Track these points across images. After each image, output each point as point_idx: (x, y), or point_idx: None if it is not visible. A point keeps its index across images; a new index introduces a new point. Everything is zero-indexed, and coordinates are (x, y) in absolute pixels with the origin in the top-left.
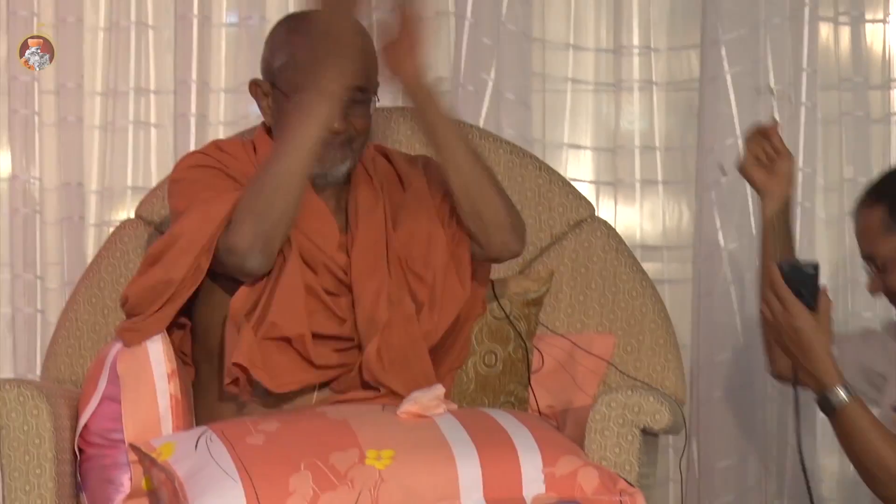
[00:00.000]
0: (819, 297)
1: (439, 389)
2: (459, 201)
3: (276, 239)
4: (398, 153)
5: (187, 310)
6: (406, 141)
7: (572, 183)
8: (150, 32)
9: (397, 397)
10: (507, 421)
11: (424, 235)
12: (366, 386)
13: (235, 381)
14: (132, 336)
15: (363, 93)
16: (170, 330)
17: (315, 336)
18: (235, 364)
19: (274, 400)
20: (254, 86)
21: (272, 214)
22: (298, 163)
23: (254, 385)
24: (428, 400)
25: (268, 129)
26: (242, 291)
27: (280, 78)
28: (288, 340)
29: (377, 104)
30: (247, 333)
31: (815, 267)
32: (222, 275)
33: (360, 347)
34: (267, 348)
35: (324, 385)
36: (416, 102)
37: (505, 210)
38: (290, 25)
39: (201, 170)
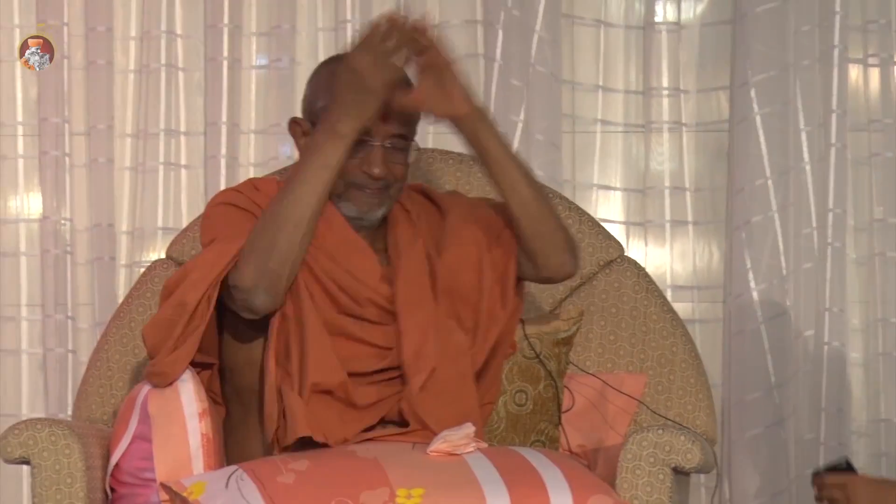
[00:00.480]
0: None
1: (469, 428)
2: (520, 221)
3: (281, 277)
4: (436, 190)
5: (211, 348)
6: (450, 182)
7: (602, 223)
8: (181, 75)
9: (428, 435)
10: (537, 459)
11: (473, 262)
12: (401, 420)
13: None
14: (158, 380)
15: (402, 140)
16: (197, 369)
17: (354, 375)
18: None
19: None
20: (293, 124)
21: (276, 253)
22: (303, 202)
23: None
24: (458, 438)
25: None
26: (273, 353)
27: (320, 116)
28: (330, 392)
29: (417, 150)
30: (295, 401)
31: (847, 460)
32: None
33: (402, 378)
34: (314, 408)
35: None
36: (467, 131)
37: (562, 230)
38: (335, 68)
39: (229, 208)
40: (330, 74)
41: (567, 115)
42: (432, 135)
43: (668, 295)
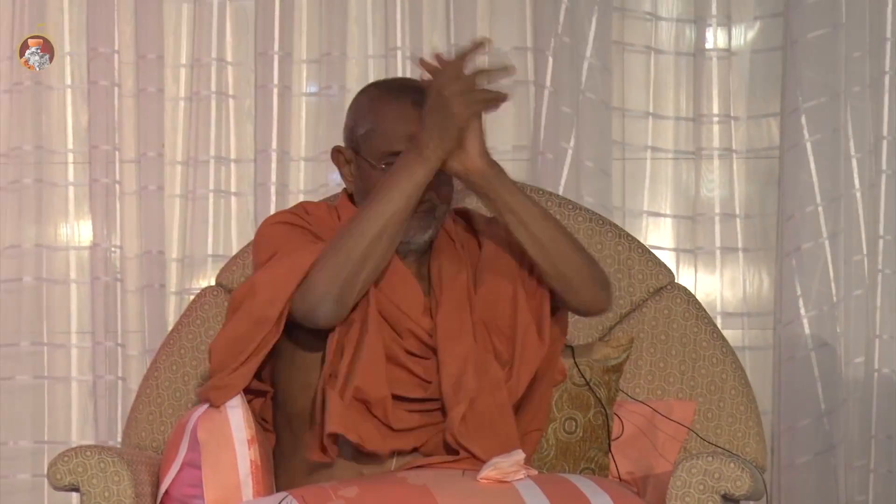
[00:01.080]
0: None
1: (519, 455)
2: (541, 266)
3: (352, 289)
4: (479, 214)
5: (261, 375)
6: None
7: (652, 250)
8: (231, 102)
9: (477, 462)
10: (587, 487)
11: (509, 295)
12: (448, 449)
13: (323, 449)
14: (218, 394)
15: None
16: (250, 397)
17: (398, 398)
18: (330, 434)
19: (354, 464)
20: (336, 153)
21: (351, 264)
22: (386, 217)
23: (340, 450)
24: (508, 465)
25: (349, 196)
26: (330, 360)
27: (364, 145)
28: (368, 405)
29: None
30: (334, 400)
31: None
32: (304, 337)
33: (443, 410)
34: (354, 413)
35: (404, 451)
36: (477, 186)
37: (587, 266)
38: (374, 94)
39: (286, 226)
40: (370, 100)
41: (617, 142)
42: None
43: (718, 322)
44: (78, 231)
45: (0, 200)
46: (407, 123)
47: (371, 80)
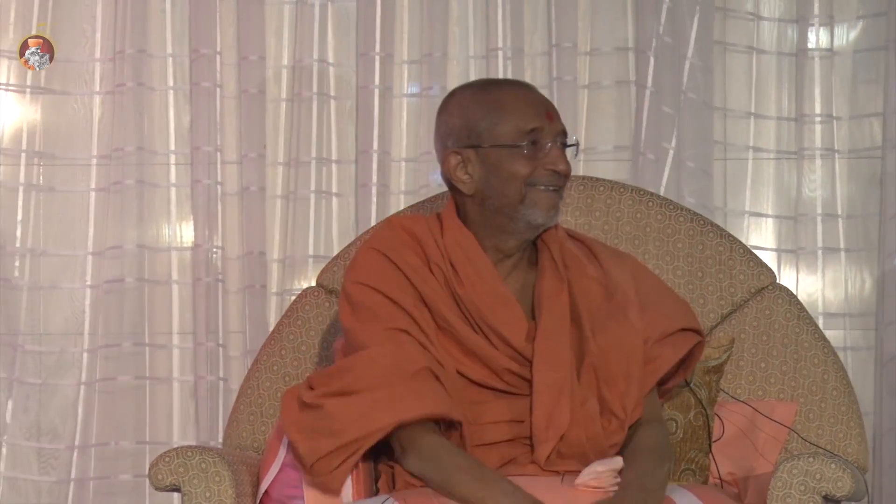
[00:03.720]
0: None
1: (618, 462)
2: None
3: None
4: (599, 243)
5: None
6: (600, 209)
7: (754, 251)
8: (332, 103)
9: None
10: (683, 498)
11: (626, 351)
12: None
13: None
14: (321, 484)
15: (566, 137)
16: None
17: (480, 445)
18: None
19: None
20: (453, 155)
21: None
22: None
23: None
24: (607, 474)
25: (457, 206)
26: None
27: (492, 134)
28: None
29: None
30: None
31: None
32: None
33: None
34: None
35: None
36: None
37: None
38: (476, 88)
39: (370, 293)
40: (476, 94)
41: (719, 142)
42: (583, 162)
43: (820, 322)
44: (180, 232)
45: (102, 201)
46: (529, 103)
47: (472, 80)
